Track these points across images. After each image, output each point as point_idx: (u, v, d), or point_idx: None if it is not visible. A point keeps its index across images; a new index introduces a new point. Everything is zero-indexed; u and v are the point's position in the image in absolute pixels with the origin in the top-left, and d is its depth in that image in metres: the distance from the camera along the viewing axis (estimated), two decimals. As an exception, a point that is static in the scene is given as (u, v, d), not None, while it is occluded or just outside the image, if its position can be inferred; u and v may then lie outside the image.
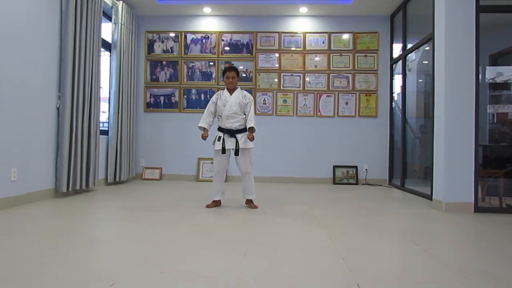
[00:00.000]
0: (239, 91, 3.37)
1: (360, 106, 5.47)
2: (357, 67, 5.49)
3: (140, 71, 5.62)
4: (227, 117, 3.29)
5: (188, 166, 5.54)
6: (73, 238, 2.25)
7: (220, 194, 3.38)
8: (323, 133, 5.49)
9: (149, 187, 4.74)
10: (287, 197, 4.06)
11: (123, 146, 4.94)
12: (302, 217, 2.98)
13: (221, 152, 3.27)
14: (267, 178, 5.39)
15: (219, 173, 3.35)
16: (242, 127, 3.32)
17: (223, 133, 3.30)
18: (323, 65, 5.52)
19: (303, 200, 3.90)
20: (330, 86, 5.50)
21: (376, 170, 5.46)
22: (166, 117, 5.60)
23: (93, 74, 4.14)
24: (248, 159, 3.32)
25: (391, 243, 2.30)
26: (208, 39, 5.60)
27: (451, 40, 3.42)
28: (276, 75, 5.54)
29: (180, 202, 3.61)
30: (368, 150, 5.47)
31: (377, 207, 3.61)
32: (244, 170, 3.33)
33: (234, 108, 3.28)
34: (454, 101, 3.41)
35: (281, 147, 5.45)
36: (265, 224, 2.74)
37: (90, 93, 4.10)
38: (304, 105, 5.51)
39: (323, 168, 5.49)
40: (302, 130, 5.51)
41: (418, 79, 5.13)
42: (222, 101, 3.33)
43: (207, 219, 2.85)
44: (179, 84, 5.59)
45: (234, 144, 3.27)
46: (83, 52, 3.93)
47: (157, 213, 3.05)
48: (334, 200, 3.95)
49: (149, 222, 2.69)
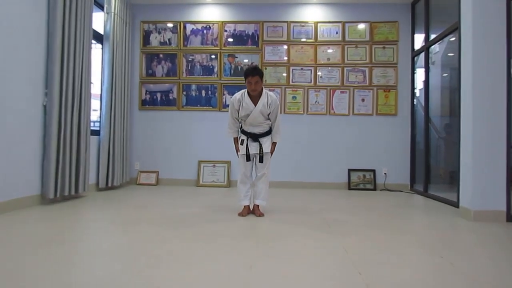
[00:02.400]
0: (264, 96, 3.32)
1: (378, 103, 5.44)
2: (375, 60, 5.46)
3: (135, 65, 5.65)
4: (251, 124, 3.36)
5: (187, 170, 5.55)
6: (58, 249, 2.25)
7: (247, 199, 3.41)
8: (336, 133, 5.47)
9: (144, 192, 4.75)
10: (297, 204, 4.05)
11: (116, 147, 4.96)
12: (313, 226, 2.97)
13: (245, 159, 3.35)
14: (274, 183, 5.38)
15: (246, 175, 3.40)
16: (266, 132, 3.40)
17: (246, 136, 3.38)
18: (337, 58, 5.50)
19: (315, 207, 3.88)
20: (345, 81, 5.47)
21: (396, 174, 5.43)
22: (163, 115, 5.62)
23: (84, 68, 4.16)
24: (267, 161, 3.39)
25: (413, 256, 2.27)
26: (210, 29, 5.61)
27: (480, 29, 3.38)
28: (284, 69, 5.54)
29: (178, 209, 3.61)
30: (387, 152, 5.43)
31: (397, 215, 3.59)
32: (261, 172, 3.39)
33: (259, 119, 3.32)
34: (483, 97, 3.37)
35: (289, 148, 5.44)
36: (272, 233, 2.73)
37: (80, 90, 4.12)
38: (315, 102, 5.49)
39: (337, 172, 5.46)
40: (313, 130, 5.49)
41: (443, 73, 5.08)
42: (244, 109, 3.30)
43: (206, 229, 2.85)
44: (177, 80, 5.61)
45: (257, 148, 3.34)
46: (73, 45, 3.96)
47: (152, 221, 3.05)
48: (349, 207, 3.92)
49: (143, 232, 2.70)
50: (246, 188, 3.40)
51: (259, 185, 3.40)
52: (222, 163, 5.51)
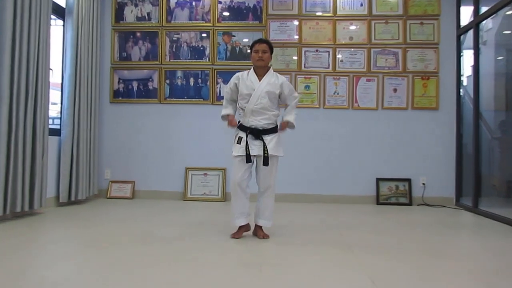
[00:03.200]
0: (272, 74, 3.35)
1: (414, 95, 5.43)
2: (410, 40, 5.45)
3: (105, 46, 5.66)
4: (252, 111, 3.29)
5: (171, 180, 5.55)
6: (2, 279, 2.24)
7: (243, 216, 3.36)
8: (361, 132, 5.46)
9: (116, 208, 4.75)
10: (311, 223, 4.04)
11: (81, 151, 4.96)
12: (332, 252, 2.96)
13: (245, 161, 3.26)
14: (282, 196, 5.35)
15: (240, 186, 3.30)
16: (272, 126, 3.34)
17: (245, 133, 3.30)
18: (362, 36, 5.49)
19: (334, 227, 3.87)
20: (372, 66, 5.46)
21: (438, 185, 5.41)
22: (141, 110, 5.63)
23: (40, 51, 4.15)
24: (273, 169, 3.34)
25: (461, 290, 2.26)
26: (200, 1, 5.62)
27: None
28: (295, 51, 5.53)
29: (157, 230, 3.60)
30: (426, 157, 5.42)
31: (440, 237, 3.57)
32: (265, 183, 3.35)
33: (263, 101, 3.27)
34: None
35: (301, 152, 5.43)
36: (279, 261, 2.71)
37: (36, 78, 4.12)
38: (334, 93, 5.49)
39: (362, 182, 5.45)
40: (331, 128, 5.48)
41: (497, 55, 5.07)
42: (246, 87, 3.31)
43: (193, 257, 2.84)
44: (159, 64, 5.61)
45: (260, 149, 3.27)
46: (27, 20, 3.95)
47: (123, 246, 3.04)
48: (377, 228, 3.92)
49: (109, 259, 2.69)
50: (242, 203, 3.33)
51: (264, 201, 3.37)
52: (215, 170, 5.50)
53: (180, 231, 3.57)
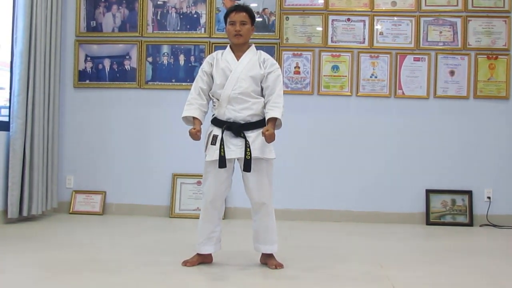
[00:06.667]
0: (253, 51, 3.39)
1: (478, 79, 5.42)
2: (472, 6, 5.43)
3: (67, 14, 5.67)
4: (229, 99, 3.27)
5: (154, 190, 5.57)
6: None
7: (212, 243, 3.38)
8: (406, 128, 5.46)
9: (80, 227, 4.77)
10: (338, 249, 4.06)
11: (36, 151, 4.98)
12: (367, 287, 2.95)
13: (218, 165, 3.24)
14: (299, 213, 5.37)
15: (213, 204, 3.35)
16: (257, 119, 3.31)
17: (221, 129, 3.29)
18: (408, 1, 5.48)
19: (369, 254, 3.88)
20: (421, 41, 5.47)
21: (508, 199, 5.39)
22: (114, 97, 5.66)
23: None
24: (265, 179, 3.32)
25: None
26: (193, -47, 5.63)
27: None
28: (319, 20, 5.53)
29: (133, 259, 3.59)
30: (492, 163, 5.42)
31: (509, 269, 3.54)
32: (258, 199, 3.33)
33: (243, 84, 3.26)
34: None
35: (325, 156, 5.45)
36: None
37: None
38: (371, 77, 5.49)
39: (407, 194, 5.45)
40: (367, 123, 5.49)
41: None
42: (221, 69, 3.32)
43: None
44: (138, 37, 5.63)
45: (241, 150, 3.24)
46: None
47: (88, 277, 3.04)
48: (427, 256, 3.92)
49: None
50: (211, 226, 3.36)
51: (261, 222, 3.36)
52: (212, 178, 5.50)
53: (164, 259, 3.56)
